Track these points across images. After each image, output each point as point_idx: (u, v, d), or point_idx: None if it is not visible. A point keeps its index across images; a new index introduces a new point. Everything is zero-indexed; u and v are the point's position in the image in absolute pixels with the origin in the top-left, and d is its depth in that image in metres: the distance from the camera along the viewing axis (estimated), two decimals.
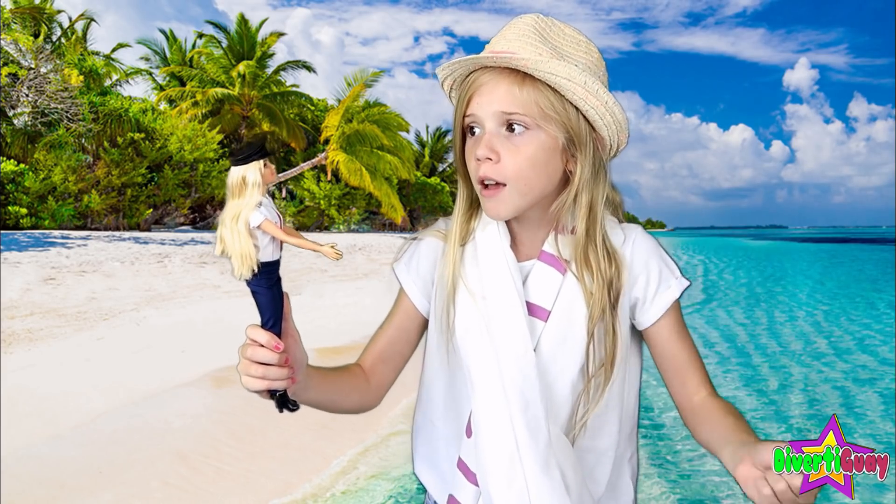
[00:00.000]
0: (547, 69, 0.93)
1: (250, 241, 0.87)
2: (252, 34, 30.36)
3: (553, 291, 1.00)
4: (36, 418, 4.23)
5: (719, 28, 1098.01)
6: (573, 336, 0.98)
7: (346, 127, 28.77)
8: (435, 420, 1.10)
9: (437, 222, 1.13)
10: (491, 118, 0.96)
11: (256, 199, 0.87)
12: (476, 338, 0.99)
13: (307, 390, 0.96)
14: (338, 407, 1.06)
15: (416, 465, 1.14)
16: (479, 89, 0.97)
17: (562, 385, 0.98)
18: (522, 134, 0.95)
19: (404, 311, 1.11)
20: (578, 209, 0.99)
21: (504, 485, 0.95)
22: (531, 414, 0.95)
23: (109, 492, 3.31)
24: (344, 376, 1.06)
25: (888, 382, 6.36)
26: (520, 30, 0.97)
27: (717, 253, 39.19)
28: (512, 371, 0.96)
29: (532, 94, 0.94)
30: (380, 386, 1.10)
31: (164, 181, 22.62)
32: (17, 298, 8.43)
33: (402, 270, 1.11)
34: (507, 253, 1.01)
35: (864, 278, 20.02)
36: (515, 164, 0.95)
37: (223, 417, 4.39)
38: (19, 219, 18.23)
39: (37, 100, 18.29)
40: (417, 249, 1.11)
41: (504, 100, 0.95)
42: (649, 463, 4.02)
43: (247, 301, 0.91)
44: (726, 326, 9.92)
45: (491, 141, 0.95)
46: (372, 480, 3.64)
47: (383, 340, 1.11)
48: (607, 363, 0.98)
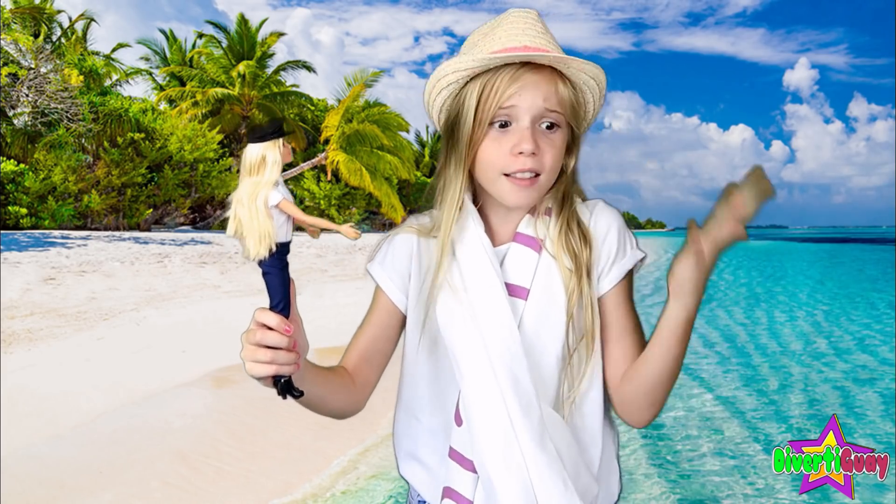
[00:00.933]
0: (589, 72, 1.00)
1: (270, 220, 0.87)
2: (252, 34, 30.34)
3: (530, 270, 1.03)
4: (36, 418, 4.23)
5: (719, 28, 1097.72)
6: (554, 312, 1.01)
7: (346, 127, 28.75)
8: (420, 416, 1.10)
9: (409, 219, 1.15)
10: (532, 112, 1.00)
11: (275, 177, 0.87)
12: (460, 324, 1.01)
13: (304, 381, 0.96)
14: (326, 405, 1.05)
15: (402, 466, 1.15)
16: (524, 85, 0.99)
17: (548, 361, 1.01)
18: (556, 130, 1.02)
19: (383, 309, 1.11)
20: (557, 196, 1.06)
21: (502, 464, 0.96)
22: (522, 391, 0.97)
23: (109, 492, 3.31)
24: (333, 375, 1.06)
25: (888, 382, 6.36)
26: (534, 26, 1.02)
27: None
28: (499, 350, 0.98)
29: (568, 93, 1.01)
30: (365, 386, 1.10)
31: (164, 181, 22.61)
32: (17, 298, 8.43)
33: (376, 269, 1.12)
34: (483, 238, 1.04)
35: (864, 278, 20.02)
36: (552, 158, 1.01)
37: (223, 417, 4.39)
38: (19, 219, 18.23)
39: (37, 100, 18.28)
40: (391, 246, 1.12)
41: (549, 97, 1.00)
42: (649, 463, 4.02)
43: (247, 301, 0.91)
44: (726, 326, 9.92)
45: (536, 135, 1.00)
46: (372, 480, 3.65)
47: (365, 340, 1.11)
48: (588, 335, 1.02)
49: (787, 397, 5.87)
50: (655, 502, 3.61)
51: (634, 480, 3.81)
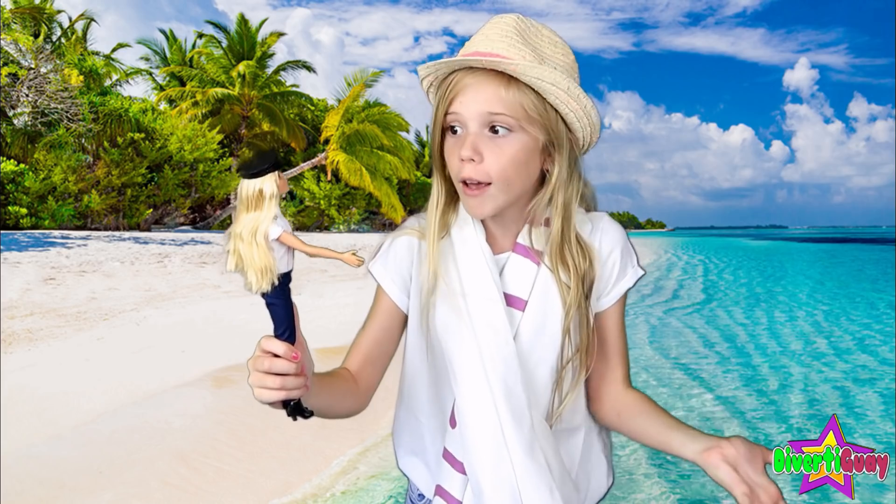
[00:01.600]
0: (534, 74, 0.95)
1: (270, 255, 0.87)
2: (252, 34, 30.34)
3: (529, 282, 1.03)
4: (36, 418, 4.23)
5: (719, 28, 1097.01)
6: (550, 325, 1.02)
7: (346, 127, 28.74)
8: (418, 413, 1.12)
9: (409, 220, 1.15)
10: (475, 119, 0.97)
11: (274, 211, 0.87)
12: (457, 330, 1.01)
13: (310, 397, 0.96)
14: (333, 412, 1.06)
15: (401, 460, 1.17)
16: (463, 89, 0.98)
17: (541, 373, 1.02)
18: (506, 135, 0.98)
19: (386, 310, 1.12)
20: (554, 207, 1.03)
21: (491, 470, 0.97)
22: (514, 400, 0.98)
23: (109, 492, 3.31)
24: (338, 381, 1.06)
25: (888, 382, 6.36)
26: (502, 30, 0.98)
27: (717, 253, 39.16)
28: (494, 360, 0.99)
29: (517, 97, 0.96)
30: (368, 388, 1.11)
31: (164, 181, 22.60)
32: (17, 298, 8.43)
33: (378, 269, 1.12)
34: (484, 246, 1.04)
35: (864, 278, 20.01)
36: (499, 165, 0.98)
37: (223, 417, 4.38)
38: (19, 219, 18.22)
39: (37, 100, 18.28)
40: (392, 247, 1.12)
41: (490, 101, 0.96)
42: (649, 463, 4.02)
43: (247, 301, 0.91)
44: (726, 326, 9.92)
45: (475, 142, 0.97)
46: (372, 480, 3.65)
47: (368, 342, 1.11)
48: (582, 351, 1.02)
49: (787, 397, 5.87)
50: (655, 502, 3.61)
51: (634, 480, 3.81)
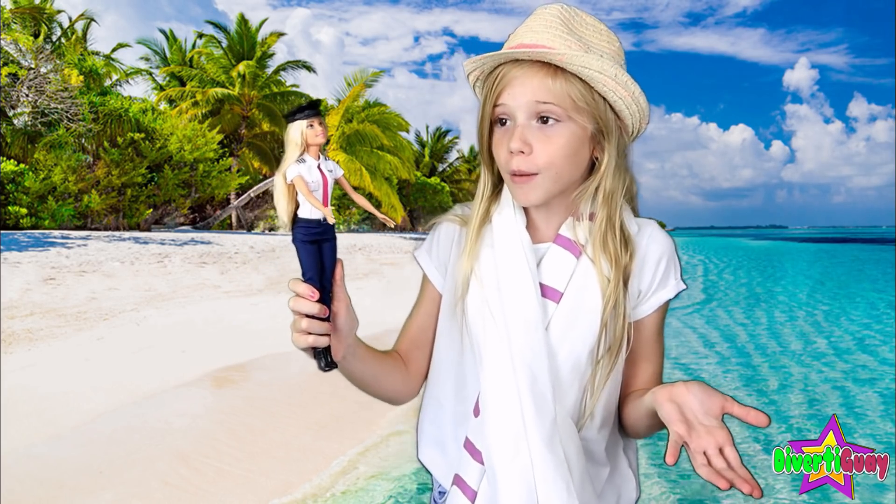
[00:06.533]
0: (581, 63, 0.95)
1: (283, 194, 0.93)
2: (252, 34, 30.33)
3: (567, 274, 1.02)
4: (36, 418, 4.23)
5: (719, 28, 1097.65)
6: (584, 319, 1.01)
7: (346, 127, 28.75)
8: (443, 400, 1.12)
9: (455, 208, 1.16)
10: (523, 110, 0.98)
11: (293, 156, 0.93)
12: (487, 316, 1.02)
13: (355, 358, 1.00)
14: (380, 385, 1.09)
15: (422, 450, 1.16)
16: (511, 82, 0.98)
17: (570, 367, 1.01)
18: (554, 125, 0.98)
19: (430, 297, 1.14)
20: (600, 195, 1.02)
21: (508, 460, 0.97)
22: (538, 390, 0.97)
23: (109, 492, 3.31)
24: (386, 356, 1.10)
25: (888, 382, 6.36)
26: (546, 21, 0.99)
27: (717, 253, 39.18)
28: (521, 346, 0.98)
29: (564, 87, 0.97)
30: (418, 372, 1.14)
31: (164, 181, 22.59)
32: (17, 298, 8.43)
33: (423, 257, 1.14)
34: (523, 234, 1.04)
35: (864, 278, 20.01)
36: (548, 155, 0.98)
37: (223, 417, 4.38)
38: (19, 219, 18.21)
39: (37, 100, 18.27)
40: (436, 235, 1.14)
41: (537, 92, 0.97)
42: (649, 463, 4.02)
43: (247, 301, 0.92)
44: (726, 326, 9.92)
45: (524, 133, 0.98)
46: (372, 480, 3.64)
47: (414, 327, 1.15)
48: (614, 347, 1.01)
49: (787, 397, 5.87)
50: (655, 502, 3.61)
51: None
